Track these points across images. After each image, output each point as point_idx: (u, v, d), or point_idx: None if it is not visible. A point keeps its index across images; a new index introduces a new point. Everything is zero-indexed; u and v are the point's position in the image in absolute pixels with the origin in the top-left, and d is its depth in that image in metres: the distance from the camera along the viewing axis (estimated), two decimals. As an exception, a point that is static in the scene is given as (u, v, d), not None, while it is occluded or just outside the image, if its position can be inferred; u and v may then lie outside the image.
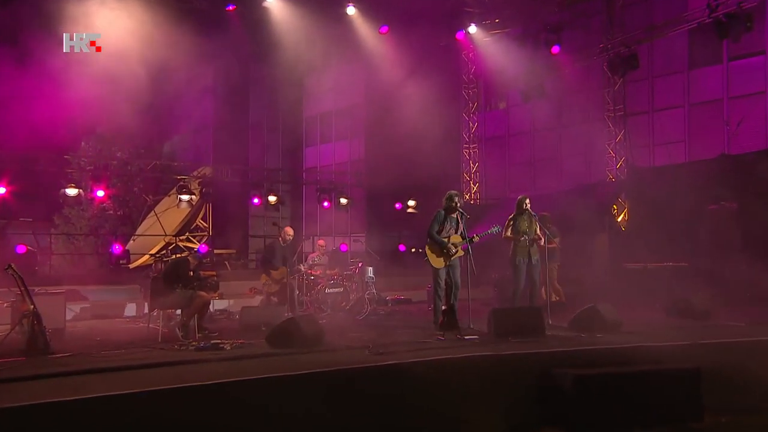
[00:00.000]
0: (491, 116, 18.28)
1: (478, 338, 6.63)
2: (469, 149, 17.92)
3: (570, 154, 16.31)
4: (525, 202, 8.14)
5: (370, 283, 9.78)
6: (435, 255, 7.65)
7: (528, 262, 8.03)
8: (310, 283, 10.01)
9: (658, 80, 15.10)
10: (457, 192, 7.77)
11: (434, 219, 7.75)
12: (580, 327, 6.97)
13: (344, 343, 6.43)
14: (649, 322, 7.94)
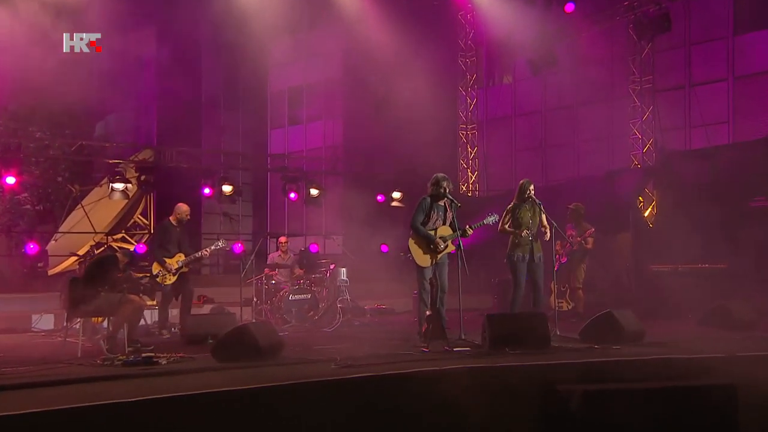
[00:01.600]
0: (494, 92, 18.35)
1: (470, 350, 6.63)
2: (466, 131, 17.98)
3: (588, 137, 16.43)
4: (529, 188, 8.13)
5: (343, 287, 9.75)
6: (420, 251, 7.64)
7: (529, 260, 8.02)
8: (270, 288, 9.99)
9: (697, 48, 15.19)
10: (445, 175, 7.74)
11: (418, 207, 7.73)
12: (593, 337, 6.97)
13: (307, 356, 6.42)
14: (678, 333, 7.98)
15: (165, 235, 8.88)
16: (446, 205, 7.73)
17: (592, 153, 16.15)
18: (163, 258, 8.73)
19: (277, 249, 11.08)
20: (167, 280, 8.73)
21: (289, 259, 10.91)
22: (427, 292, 7.57)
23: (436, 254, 7.64)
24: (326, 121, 21.94)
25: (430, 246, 7.61)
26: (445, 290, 7.74)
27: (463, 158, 17.94)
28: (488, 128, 18.31)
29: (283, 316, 9.62)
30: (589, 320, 7.29)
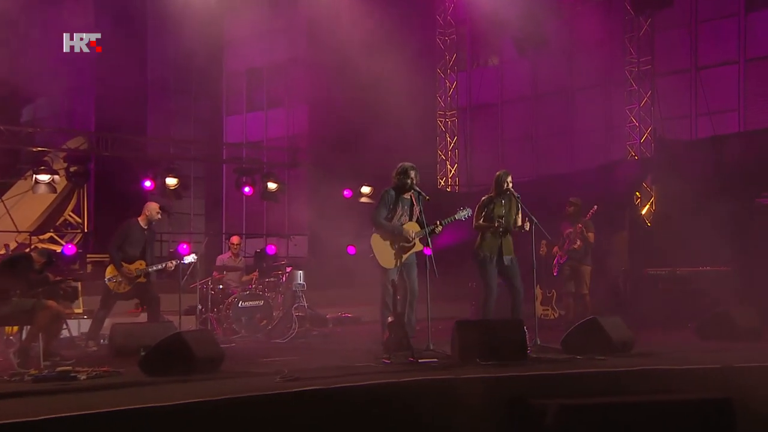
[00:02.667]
0: (479, 75, 18.38)
1: (438, 361, 6.65)
2: (445, 118, 18.01)
3: (583, 126, 16.50)
4: (506, 180, 8.14)
5: (299, 293, 9.75)
6: (384, 249, 7.63)
7: (497, 260, 8.03)
8: (217, 294, 9.92)
9: (704, 27, 15.29)
10: (412, 165, 7.75)
11: (381, 201, 7.73)
12: (576, 347, 7.01)
13: (250, 369, 6.42)
14: (673, 342, 8.11)
15: (128, 237, 8.76)
16: (413, 198, 7.72)
17: (587, 143, 16.22)
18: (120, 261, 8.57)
19: (228, 250, 10.97)
20: (120, 288, 8.61)
21: (240, 261, 10.85)
22: (391, 297, 7.56)
23: (402, 253, 7.62)
24: (290, 107, 21.79)
25: (396, 243, 7.58)
26: (415, 294, 7.76)
27: (441, 149, 17.97)
28: (472, 115, 18.33)
29: (232, 325, 9.58)
30: (572, 328, 7.34)
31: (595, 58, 15.67)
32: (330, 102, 17.24)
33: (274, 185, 14.80)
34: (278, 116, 22.09)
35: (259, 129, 22.74)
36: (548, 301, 11.05)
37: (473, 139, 18.13)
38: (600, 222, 10.43)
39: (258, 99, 22.88)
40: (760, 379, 6.05)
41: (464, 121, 18.12)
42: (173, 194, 13.87)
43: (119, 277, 8.51)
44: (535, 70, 17.27)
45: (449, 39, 17.95)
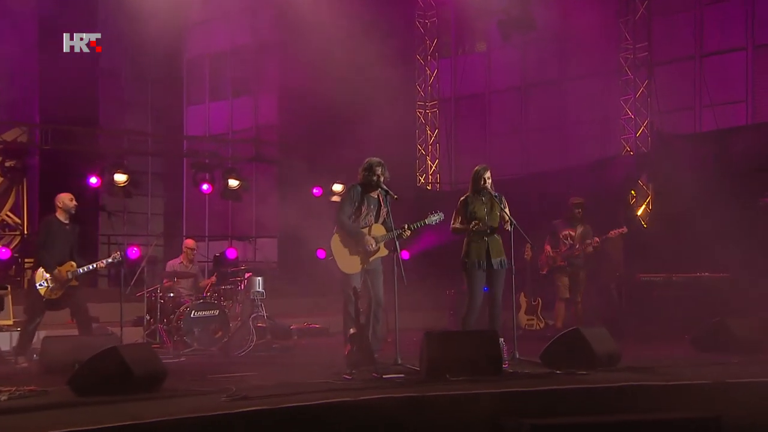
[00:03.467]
0: (464, 63, 18.39)
1: (404, 377, 6.67)
2: (425, 109, 17.99)
3: (575, 119, 16.55)
4: (484, 176, 8.11)
5: (258, 301, 9.72)
6: (346, 253, 7.64)
7: (486, 265, 8.00)
8: (167, 303, 9.88)
9: (709, 10, 15.33)
10: (379, 160, 7.75)
11: (347, 196, 7.75)
12: (557, 361, 7.04)
13: (196, 387, 6.38)
14: (664, 355, 8.12)
15: (51, 235, 8.60)
16: (380, 197, 7.72)
17: (579, 138, 16.20)
18: (51, 263, 8.45)
19: (181, 254, 10.90)
20: (53, 294, 8.51)
21: (194, 267, 10.79)
22: (354, 306, 7.53)
23: (367, 257, 7.64)
24: (258, 96, 21.79)
25: (359, 247, 7.59)
26: (380, 303, 7.77)
27: (421, 143, 17.97)
28: (455, 107, 18.33)
29: (183, 338, 9.51)
30: (553, 340, 7.36)
31: (588, 45, 15.68)
32: (301, 90, 17.17)
33: (236, 182, 14.78)
34: (245, 106, 22.06)
35: (224, 120, 22.67)
36: (533, 309, 11.09)
37: (457, 132, 18.15)
38: (591, 223, 10.47)
39: (222, 87, 22.81)
40: (754, 396, 6.09)
41: (446, 113, 18.09)
42: (122, 192, 13.76)
43: (51, 281, 8.40)
44: (524, 57, 17.29)
45: (430, 22, 17.94)
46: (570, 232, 10.17)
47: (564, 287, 10.15)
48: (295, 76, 17.77)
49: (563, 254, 10.17)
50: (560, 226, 10.31)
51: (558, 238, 10.24)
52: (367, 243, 7.58)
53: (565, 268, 10.15)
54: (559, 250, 10.19)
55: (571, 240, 10.16)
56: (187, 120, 23.01)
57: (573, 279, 10.19)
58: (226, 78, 22.65)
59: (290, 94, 18.61)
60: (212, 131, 22.76)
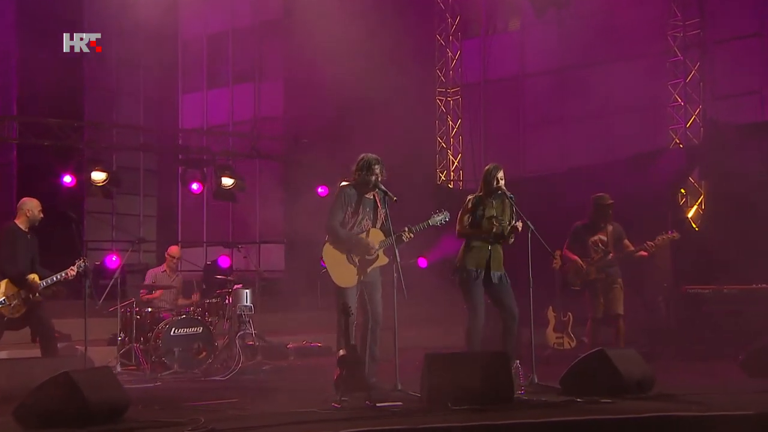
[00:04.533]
0: (493, 44, 18.31)
1: (402, 405, 6.60)
2: (446, 97, 17.94)
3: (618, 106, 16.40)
4: (496, 175, 8.05)
5: (245, 317, 9.72)
6: (340, 263, 7.60)
7: (485, 277, 7.95)
8: (144, 318, 9.88)
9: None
10: (377, 158, 7.67)
11: (338, 200, 7.68)
12: (578, 387, 6.96)
13: (161, 418, 6.32)
14: (710, 380, 8.06)
15: (13, 245, 8.61)
16: (377, 199, 7.67)
17: (623, 127, 16.13)
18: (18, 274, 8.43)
19: (163, 263, 10.92)
20: (15, 312, 8.47)
21: (177, 278, 10.78)
22: (351, 324, 7.45)
23: (364, 268, 7.58)
24: (260, 83, 21.85)
25: (354, 256, 7.55)
26: (378, 320, 7.69)
27: (441, 135, 17.91)
28: (483, 94, 18.27)
29: (162, 358, 9.48)
30: (574, 363, 7.24)
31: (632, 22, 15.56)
32: (309, 77, 17.20)
33: (231, 181, 14.76)
34: (246, 94, 22.11)
35: (223, 110, 22.73)
36: (563, 326, 10.94)
37: (483, 122, 18.10)
38: (637, 227, 10.24)
39: (221, 72, 22.88)
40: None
41: (471, 101, 18.04)
42: (101, 192, 13.81)
43: (14, 298, 8.41)
44: (564, 37, 17.08)
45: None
46: (600, 236, 9.75)
47: (599, 305, 9.67)
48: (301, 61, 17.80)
49: (597, 264, 9.69)
50: (585, 230, 9.86)
51: (586, 245, 9.81)
52: (368, 249, 7.51)
53: (602, 280, 9.66)
54: (592, 260, 9.74)
55: (603, 246, 9.73)
56: (183, 110, 23.11)
57: (609, 291, 9.71)
58: (226, 62, 22.72)
59: (297, 82, 18.61)
60: (210, 122, 22.84)
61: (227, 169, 14.81)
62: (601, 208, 9.66)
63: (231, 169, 14.93)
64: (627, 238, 9.73)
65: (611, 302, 9.63)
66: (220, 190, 14.82)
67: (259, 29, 21.14)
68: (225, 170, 14.72)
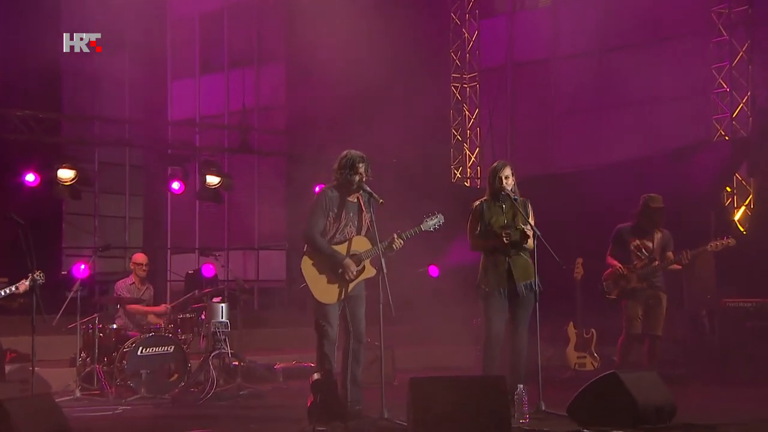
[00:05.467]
0: (520, 23, 18.24)
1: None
2: (462, 83, 17.86)
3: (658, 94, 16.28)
4: (501, 174, 8.02)
5: (220, 334, 9.71)
6: (321, 277, 7.59)
7: (509, 292, 7.95)
8: (109, 336, 9.87)
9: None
10: (361, 154, 7.65)
11: (316, 205, 7.69)
12: (586, 414, 6.96)
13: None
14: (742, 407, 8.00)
15: None
16: (361, 202, 7.65)
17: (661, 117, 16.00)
18: None
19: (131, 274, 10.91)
20: None
21: (147, 291, 10.78)
22: (331, 343, 7.54)
23: (346, 282, 7.57)
24: (260, 67, 21.86)
25: (337, 270, 7.52)
26: (360, 339, 7.70)
27: (457, 126, 17.84)
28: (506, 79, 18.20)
29: (128, 382, 9.44)
30: (583, 388, 7.17)
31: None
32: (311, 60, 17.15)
33: (216, 179, 14.69)
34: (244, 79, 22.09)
35: (216, 99, 22.76)
36: (585, 344, 10.88)
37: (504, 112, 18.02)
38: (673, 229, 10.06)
39: (214, 56, 22.92)
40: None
41: (491, 88, 17.91)
42: (69, 192, 13.80)
43: None
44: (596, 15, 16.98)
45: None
46: (645, 241, 9.62)
47: (636, 319, 9.56)
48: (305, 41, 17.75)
49: (640, 272, 9.54)
50: (629, 233, 9.73)
51: (628, 250, 9.68)
52: (346, 270, 7.49)
53: (643, 291, 9.56)
54: (633, 267, 9.57)
55: (647, 252, 9.60)
56: (173, 99, 23.13)
57: (651, 306, 9.63)
58: (220, 44, 22.75)
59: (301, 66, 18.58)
60: (204, 112, 22.90)
61: (212, 165, 14.74)
62: (650, 211, 9.54)
63: (217, 166, 14.87)
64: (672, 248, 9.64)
65: (651, 320, 9.57)
66: (204, 190, 14.75)
67: (257, 6, 21.15)
68: (210, 167, 14.65)
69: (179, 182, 14.72)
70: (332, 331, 7.53)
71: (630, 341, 9.67)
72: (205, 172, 14.59)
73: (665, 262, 9.50)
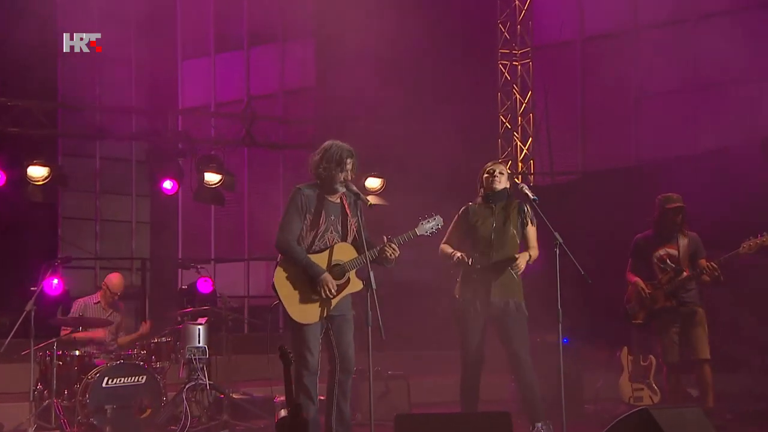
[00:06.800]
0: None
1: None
2: (511, 61, 17.87)
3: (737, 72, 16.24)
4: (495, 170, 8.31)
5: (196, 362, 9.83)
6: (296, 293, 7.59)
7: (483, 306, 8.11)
8: (71, 363, 9.90)
9: None
10: (350, 149, 7.71)
11: (291, 207, 7.68)
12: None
13: None
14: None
15: None
16: (345, 203, 7.68)
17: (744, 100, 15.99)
18: None
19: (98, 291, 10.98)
20: None
21: (114, 314, 10.79)
22: (312, 373, 7.54)
23: (328, 298, 7.56)
24: (285, 43, 22.00)
25: (314, 285, 7.51)
26: (348, 369, 7.72)
27: (505, 113, 17.85)
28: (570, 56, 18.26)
29: (90, 419, 9.46)
30: (609, 427, 7.07)
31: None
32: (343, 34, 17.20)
33: (216, 177, 14.79)
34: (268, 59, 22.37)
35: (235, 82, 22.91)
36: (643, 373, 10.75)
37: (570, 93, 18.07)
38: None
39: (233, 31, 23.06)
40: None
41: (547, 67, 18.00)
42: (41, 194, 13.88)
43: None
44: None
45: None
46: (669, 249, 9.58)
47: (672, 346, 9.53)
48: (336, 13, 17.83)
49: (666, 287, 9.51)
50: (649, 243, 9.74)
51: (650, 263, 9.67)
52: (324, 287, 7.49)
53: (674, 310, 9.51)
54: (658, 282, 9.57)
55: (671, 263, 9.52)
56: (182, 81, 23.31)
57: (686, 328, 9.55)
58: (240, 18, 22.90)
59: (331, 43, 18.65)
60: (219, 98, 23.03)
61: (212, 161, 14.80)
62: (666, 213, 9.52)
63: (218, 162, 14.93)
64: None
65: (690, 343, 9.51)
66: (201, 190, 14.83)
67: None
68: (208, 163, 14.72)
69: (171, 180, 14.75)
70: (313, 359, 7.52)
71: (674, 372, 9.61)
72: (203, 168, 14.69)
73: (696, 271, 9.38)
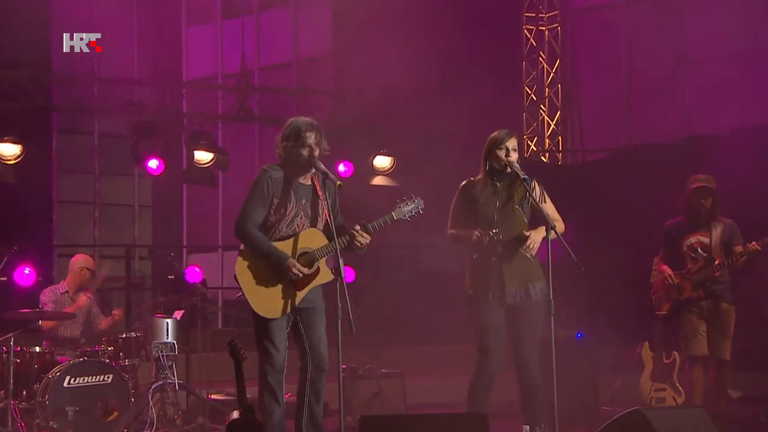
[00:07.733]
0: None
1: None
2: (537, 26, 17.91)
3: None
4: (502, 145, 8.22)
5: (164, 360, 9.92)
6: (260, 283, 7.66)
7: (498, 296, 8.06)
8: (30, 360, 9.98)
9: None
10: (310, 121, 7.77)
11: (255, 189, 7.75)
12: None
13: None
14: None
15: None
16: (316, 184, 7.74)
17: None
18: None
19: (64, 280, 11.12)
20: None
21: (86, 305, 10.87)
22: (277, 371, 7.61)
23: (296, 289, 7.64)
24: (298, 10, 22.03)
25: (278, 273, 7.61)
26: (322, 366, 7.78)
27: (531, 83, 17.92)
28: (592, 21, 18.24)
29: (49, 423, 9.51)
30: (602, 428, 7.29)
31: None
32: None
33: (208, 155, 14.86)
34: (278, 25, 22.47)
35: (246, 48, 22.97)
36: (666, 372, 10.74)
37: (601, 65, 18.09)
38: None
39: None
40: None
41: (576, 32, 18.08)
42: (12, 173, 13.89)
43: None
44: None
45: None
46: (700, 237, 9.68)
47: (696, 336, 9.67)
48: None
49: (695, 277, 9.63)
50: (680, 230, 9.84)
51: (681, 251, 9.78)
52: (290, 271, 7.54)
53: (700, 302, 9.66)
54: (687, 272, 9.68)
55: (703, 252, 9.63)
56: (188, 50, 23.44)
57: (711, 322, 9.74)
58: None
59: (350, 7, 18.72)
60: (227, 68, 23.11)
61: (202, 138, 14.85)
62: (691, 194, 9.62)
63: (208, 139, 14.97)
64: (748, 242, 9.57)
65: (712, 340, 9.68)
66: (191, 170, 14.90)
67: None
68: (199, 140, 14.77)
69: (157, 159, 14.79)
70: (278, 355, 7.59)
71: (697, 367, 9.73)
72: (192, 146, 14.74)
73: (730, 259, 9.46)
